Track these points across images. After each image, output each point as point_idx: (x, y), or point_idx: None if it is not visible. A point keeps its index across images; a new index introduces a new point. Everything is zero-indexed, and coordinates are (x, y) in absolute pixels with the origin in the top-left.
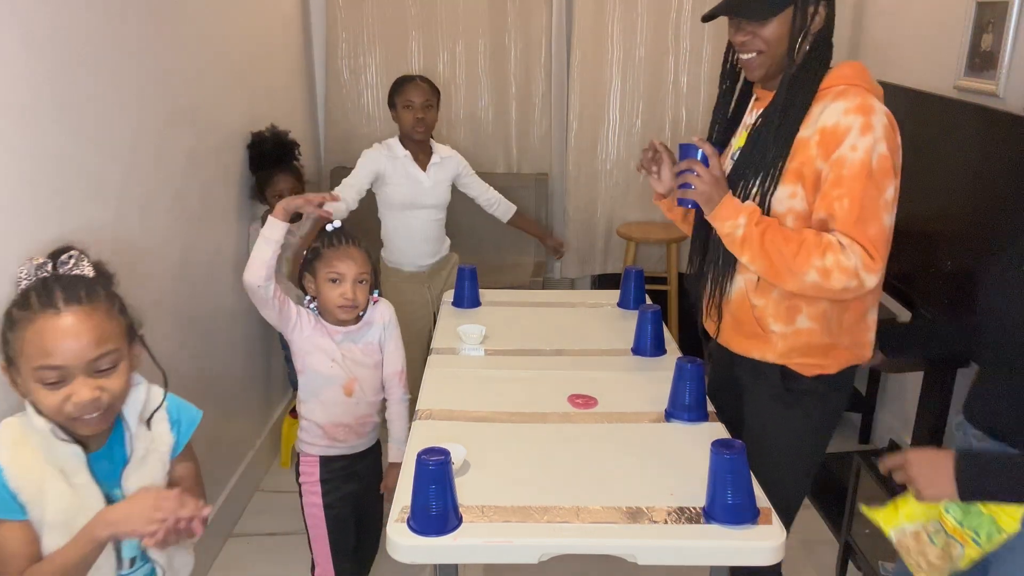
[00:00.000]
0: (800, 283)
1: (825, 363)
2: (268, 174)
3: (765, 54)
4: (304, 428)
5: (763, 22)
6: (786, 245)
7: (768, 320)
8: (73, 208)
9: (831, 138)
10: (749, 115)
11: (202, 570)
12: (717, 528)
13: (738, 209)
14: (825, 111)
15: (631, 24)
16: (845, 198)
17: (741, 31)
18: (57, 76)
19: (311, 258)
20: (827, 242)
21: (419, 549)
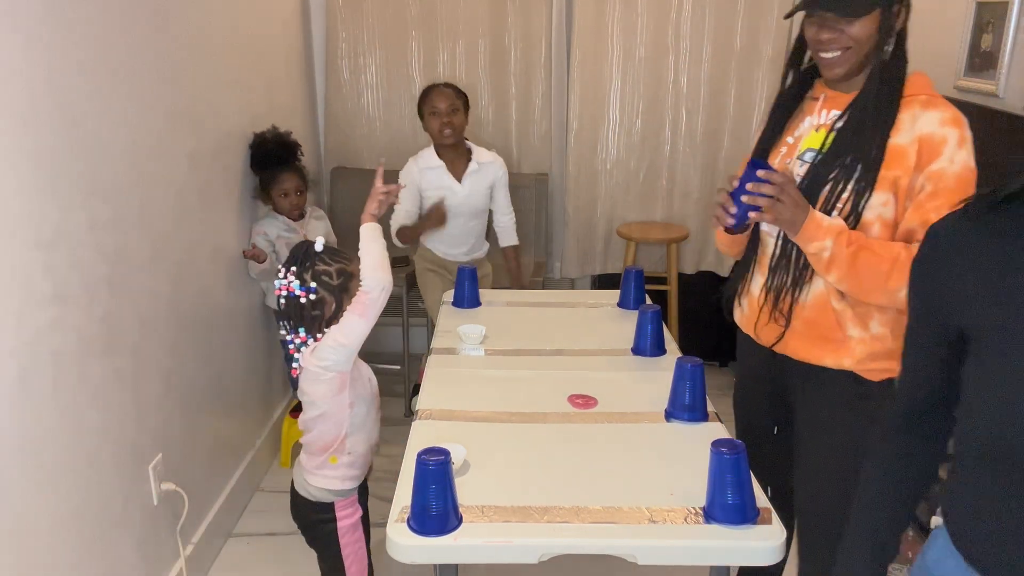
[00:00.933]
0: (891, 299)
1: (894, 366)
2: (272, 174)
3: (851, 51)
4: (345, 465)
5: (854, 19)
6: (879, 264)
7: (847, 324)
8: (73, 208)
9: (929, 148)
10: (818, 115)
11: (202, 570)
12: (717, 528)
13: (825, 230)
14: (920, 120)
15: (631, 24)
16: (943, 209)
17: (827, 28)
18: (57, 76)
19: (344, 281)
20: None
21: (419, 549)
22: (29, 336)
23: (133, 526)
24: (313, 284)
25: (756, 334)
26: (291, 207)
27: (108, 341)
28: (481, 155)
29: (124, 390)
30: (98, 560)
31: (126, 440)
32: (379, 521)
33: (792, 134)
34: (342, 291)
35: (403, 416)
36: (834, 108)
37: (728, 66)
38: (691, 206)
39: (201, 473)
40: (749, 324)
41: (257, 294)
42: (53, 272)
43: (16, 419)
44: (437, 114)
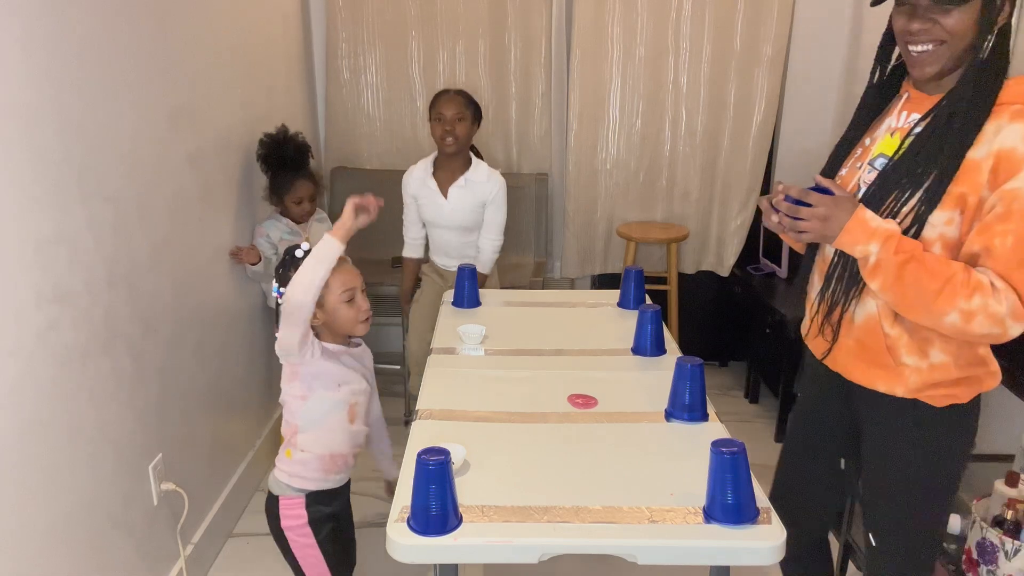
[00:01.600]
0: (935, 322)
1: (957, 392)
2: (288, 180)
3: (946, 45)
4: (297, 462)
5: (951, 8)
6: (930, 280)
7: (901, 352)
8: (73, 208)
9: (1006, 165)
10: (896, 118)
11: (202, 570)
12: (717, 528)
13: (872, 233)
14: (1002, 132)
15: (631, 24)
16: (1010, 235)
17: (919, 18)
18: (57, 76)
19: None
20: (977, 282)
21: (419, 549)
22: (29, 336)
23: (133, 526)
24: (284, 289)
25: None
26: (303, 214)
27: (108, 341)
28: (477, 173)
29: (124, 390)
30: (98, 560)
31: (126, 440)
32: (379, 521)
33: (870, 135)
34: None
35: (403, 416)
36: (915, 111)
37: (728, 66)
38: (691, 206)
39: (201, 473)
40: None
41: (257, 294)
42: (53, 272)
43: (16, 419)
44: (441, 120)
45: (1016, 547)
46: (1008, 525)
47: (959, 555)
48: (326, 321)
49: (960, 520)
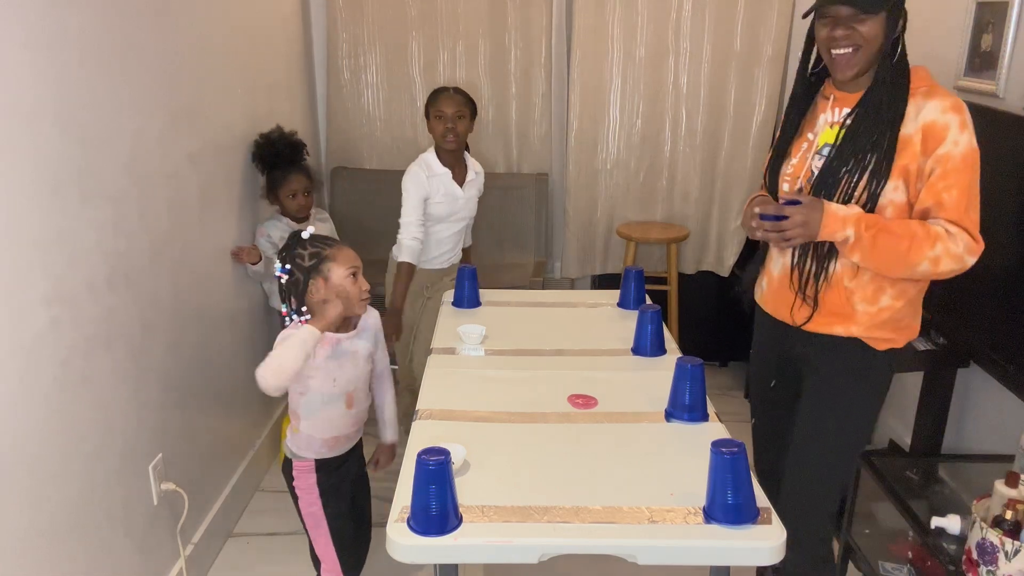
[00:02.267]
0: (910, 272)
1: (896, 337)
2: (281, 175)
3: (862, 50)
4: (301, 438)
5: (865, 17)
6: (898, 243)
7: (855, 300)
8: (73, 208)
9: (933, 135)
10: (830, 112)
11: (202, 570)
12: (717, 528)
13: (843, 221)
14: (923, 110)
15: (631, 24)
16: (953, 189)
17: (841, 26)
18: (58, 76)
19: (316, 263)
20: (935, 233)
21: (419, 549)
22: (29, 336)
23: (133, 526)
24: (288, 266)
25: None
26: (298, 208)
27: (108, 341)
28: (475, 164)
29: (124, 390)
30: (98, 560)
31: (126, 440)
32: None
33: (811, 131)
34: (313, 271)
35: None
36: (844, 107)
37: (728, 66)
38: (691, 206)
39: (201, 473)
40: (769, 302)
41: (258, 294)
42: (53, 272)
43: (16, 419)
44: (442, 118)
45: (1016, 547)
46: (1008, 525)
47: (959, 555)
48: (327, 298)
49: (960, 520)
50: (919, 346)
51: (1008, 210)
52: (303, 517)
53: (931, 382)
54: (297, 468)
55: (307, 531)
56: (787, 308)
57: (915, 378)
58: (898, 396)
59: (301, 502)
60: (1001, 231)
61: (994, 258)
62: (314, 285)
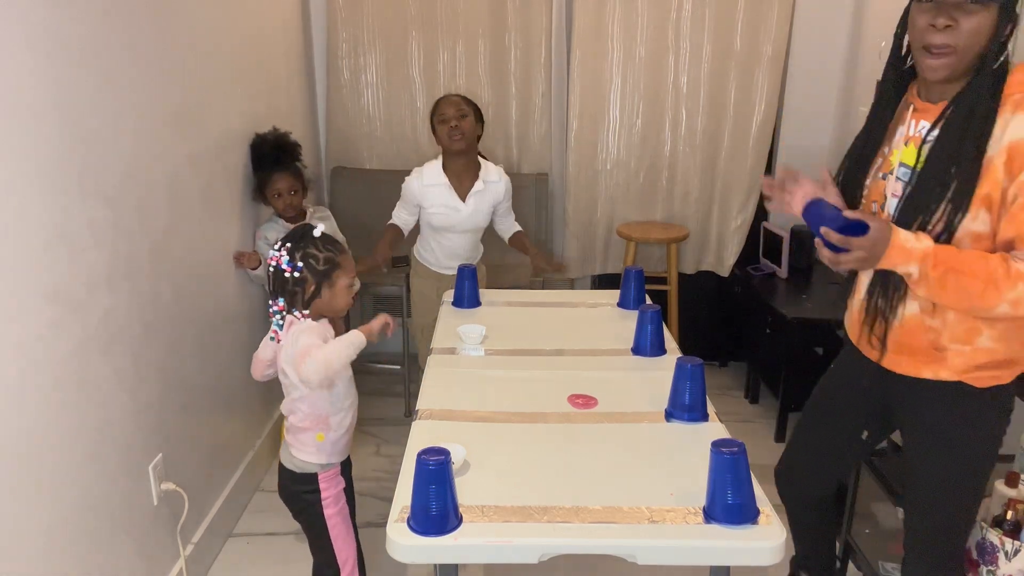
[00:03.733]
0: (988, 314)
1: (1001, 375)
2: (267, 174)
3: (960, 53)
4: (329, 442)
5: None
6: (972, 282)
7: (944, 341)
8: (73, 208)
9: (1019, 156)
10: (908, 126)
11: (202, 570)
12: (717, 528)
13: (908, 255)
14: (1010, 125)
15: (631, 24)
16: None
17: (944, 14)
18: (57, 76)
19: (329, 269)
20: (1017, 272)
21: (419, 549)
22: (29, 336)
23: (133, 526)
24: (300, 264)
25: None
26: (285, 207)
27: (108, 341)
28: (489, 173)
29: (124, 390)
30: (98, 560)
31: (126, 440)
32: (379, 521)
33: (888, 144)
34: (324, 277)
35: (403, 416)
36: (925, 119)
37: (728, 66)
38: (691, 206)
39: (201, 473)
40: (852, 332)
41: (258, 295)
42: (53, 272)
43: (16, 419)
44: (445, 120)
45: (1016, 547)
46: (1008, 525)
47: None
48: (328, 300)
49: None
50: None
51: None
52: (329, 526)
53: None
54: (326, 479)
55: (327, 540)
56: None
57: None
58: None
59: (329, 511)
60: None
61: None
62: (322, 291)
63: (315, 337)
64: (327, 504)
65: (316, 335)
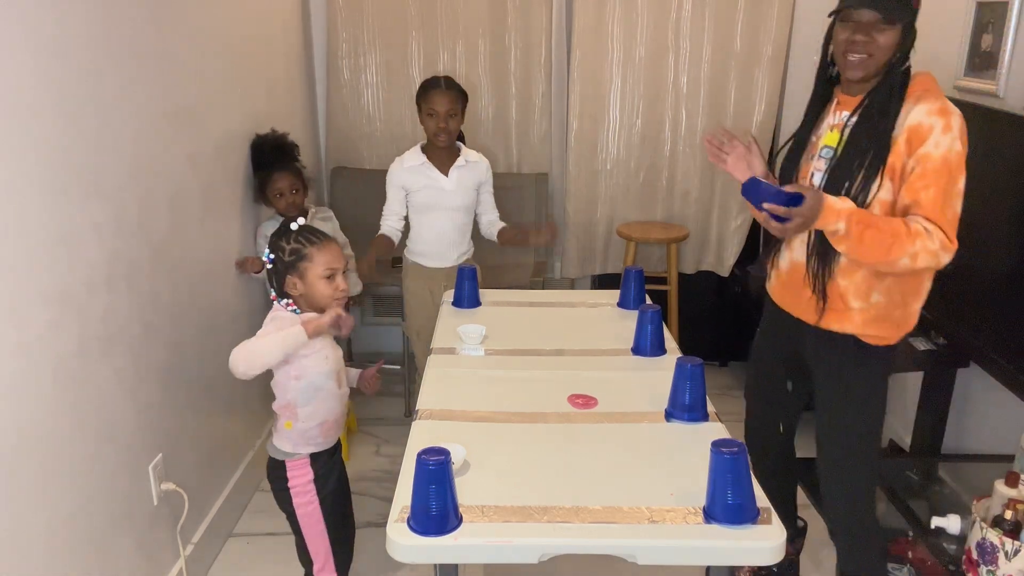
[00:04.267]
0: (891, 267)
1: (888, 335)
2: (267, 174)
3: (874, 58)
4: (298, 432)
5: (885, 27)
6: (882, 238)
7: (850, 298)
8: (73, 208)
9: (916, 136)
10: (832, 115)
11: (202, 570)
12: (717, 528)
13: (838, 214)
14: (911, 113)
15: (631, 24)
16: (931, 188)
17: (861, 32)
18: (58, 76)
19: (294, 260)
20: (915, 230)
21: (419, 549)
22: (29, 336)
23: (133, 526)
24: (272, 255)
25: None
26: (287, 206)
27: (108, 341)
28: (469, 154)
29: (124, 390)
30: (98, 560)
31: (126, 440)
32: (379, 521)
33: (816, 133)
34: (289, 267)
35: (403, 416)
36: (845, 109)
37: (728, 66)
38: (691, 206)
39: (201, 473)
40: (777, 294)
41: (259, 294)
42: (53, 272)
43: (16, 419)
44: (434, 116)
45: (1016, 547)
46: (1008, 525)
47: (959, 555)
48: (304, 293)
49: (960, 520)
50: (919, 346)
51: (1008, 210)
52: (297, 516)
53: (931, 382)
54: (292, 467)
55: (299, 531)
56: (795, 301)
57: (915, 378)
58: (898, 396)
59: (296, 500)
60: (1001, 231)
61: (994, 258)
62: (290, 280)
63: (275, 325)
64: (295, 493)
65: (278, 325)
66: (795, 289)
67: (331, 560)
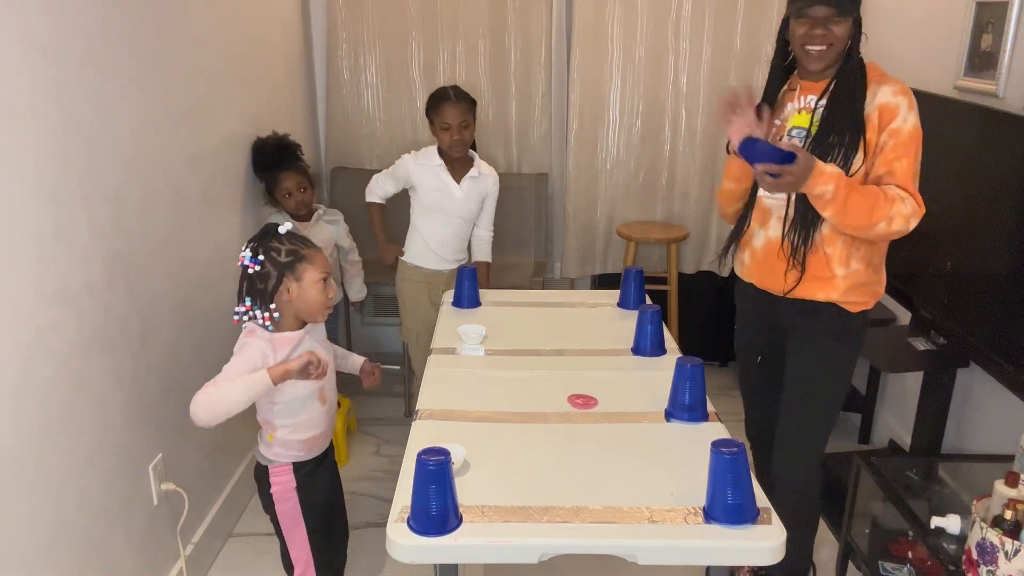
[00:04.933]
0: (869, 230)
1: (866, 300)
2: (274, 175)
3: (832, 48)
4: (278, 444)
5: (840, 20)
6: (865, 203)
7: (834, 265)
8: (73, 208)
9: (887, 113)
10: (797, 100)
11: (202, 570)
12: (717, 528)
13: (828, 177)
14: (878, 94)
15: (631, 24)
16: (903, 159)
17: (819, 26)
18: (57, 76)
19: (292, 261)
20: (892, 196)
21: (419, 549)
22: (29, 336)
23: (133, 526)
24: (261, 257)
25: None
26: (296, 205)
27: (108, 341)
28: (482, 166)
29: (124, 390)
30: (98, 560)
31: (126, 440)
32: (379, 521)
33: (779, 117)
34: (287, 269)
35: (403, 416)
36: (811, 94)
37: (728, 66)
38: (691, 206)
39: (201, 473)
40: (755, 274)
41: None
42: (53, 272)
43: (16, 419)
44: (448, 130)
45: (1016, 547)
46: (1008, 525)
47: (959, 555)
48: (295, 299)
49: (960, 520)
50: (919, 346)
51: (1008, 210)
52: (279, 520)
53: (931, 382)
54: (274, 473)
55: (281, 535)
56: (773, 277)
57: (915, 378)
58: (898, 396)
59: (278, 505)
60: (1001, 231)
61: (994, 258)
62: (286, 284)
63: (244, 358)
64: (277, 499)
65: (248, 358)
66: (770, 264)
67: (311, 567)
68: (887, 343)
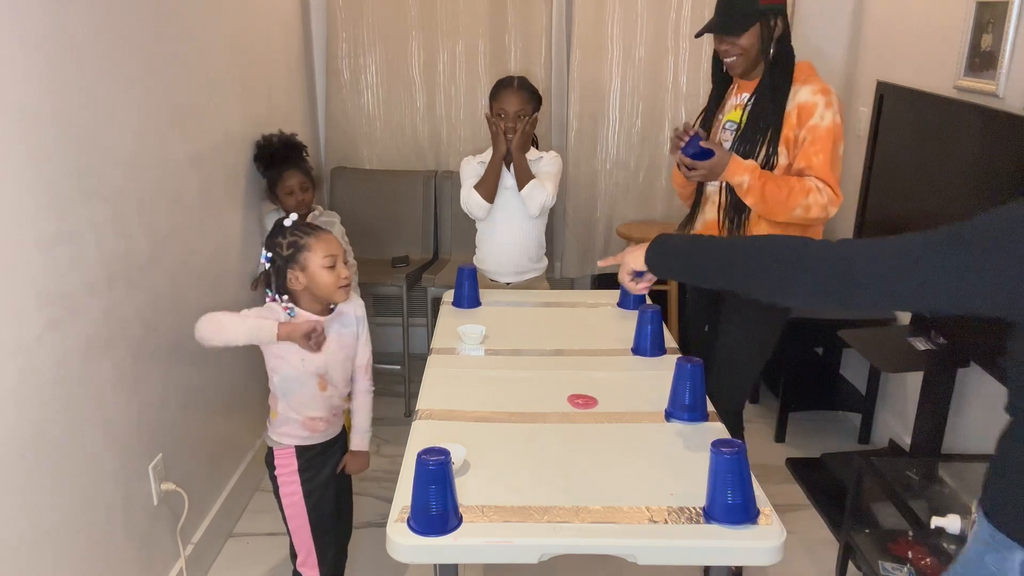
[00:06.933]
0: (789, 216)
1: None
2: (276, 173)
3: (742, 56)
4: (280, 422)
5: (738, 36)
6: (780, 191)
7: None
8: (73, 208)
9: (805, 111)
10: (735, 97)
11: (202, 570)
12: (717, 528)
13: (743, 169)
14: (799, 93)
15: (631, 24)
16: (820, 153)
17: (722, 42)
18: (57, 76)
19: (293, 252)
20: (808, 186)
21: (419, 549)
22: (29, 336)
23: (133, 526)
24: (270, 255)
25: None
26: (297, 204)
27: (108, 341)
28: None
29: (124, 390)
30: (98, 560)
31: (126, 440)
32: (379, 521)
33: (723, 111)
34: (290, 261)
35: (403, 416)
36: (745, 92)
37: None
38: None
39: (201, 473)
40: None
41: (260, 294)
42: (53, 272)
43: (16, 419)
44: (504, 117)
45: None
46: None
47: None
48: (308, 285)
49: (960, 520)
50: (919, 346)
51: None
52: (283, 506)
53: (931, 382)
54: (278, 455)
55: (286, 522)
56: None
57: (915, 378)
58: (898, 396)
59: (281, 488)
60: None
61: None
62: (292, 274)
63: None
64: (280, 483)
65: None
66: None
67: (313, 555)
68: (887, 343)
